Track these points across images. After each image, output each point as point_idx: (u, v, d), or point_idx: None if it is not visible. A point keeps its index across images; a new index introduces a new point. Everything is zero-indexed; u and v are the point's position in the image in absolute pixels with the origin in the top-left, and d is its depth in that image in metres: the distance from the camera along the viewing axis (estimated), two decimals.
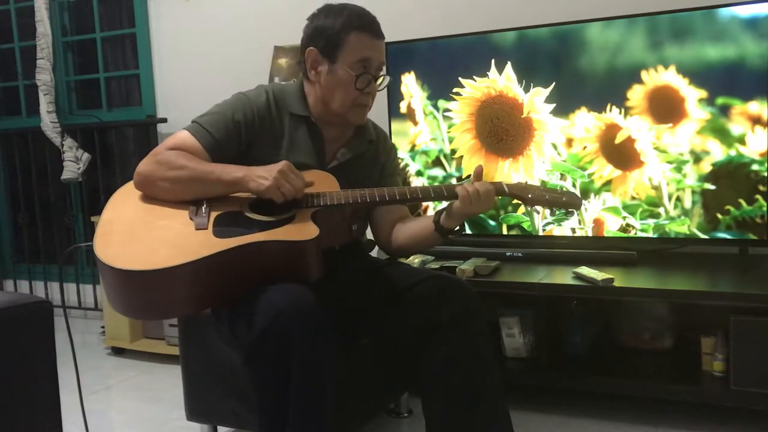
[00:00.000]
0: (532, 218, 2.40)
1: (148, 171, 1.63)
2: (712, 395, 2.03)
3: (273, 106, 1.74)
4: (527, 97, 2.34)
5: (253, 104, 1.72)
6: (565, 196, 1.65)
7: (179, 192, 1.62)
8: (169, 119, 3.36)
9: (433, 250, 2.46)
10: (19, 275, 3.98)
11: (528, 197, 1.65)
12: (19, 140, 3.86)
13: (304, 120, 1.75)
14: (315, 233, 1.50)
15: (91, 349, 3.20)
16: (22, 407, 1.37)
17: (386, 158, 1.91)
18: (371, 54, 1.70)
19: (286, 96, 1.77)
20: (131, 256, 1.47)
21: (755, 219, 2.14)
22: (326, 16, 1.71)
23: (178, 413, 2.10)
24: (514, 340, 2.31)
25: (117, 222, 1.59)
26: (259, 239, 1.48)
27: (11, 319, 1.35)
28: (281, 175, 1.55)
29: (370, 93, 1.74)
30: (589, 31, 2.28)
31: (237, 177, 1.58)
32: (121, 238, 1.53)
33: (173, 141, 1.67)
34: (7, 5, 3.82)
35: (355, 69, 1.68)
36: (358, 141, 1.83)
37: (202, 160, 1.64)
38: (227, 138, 1.68)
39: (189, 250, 1.45)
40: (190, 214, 1.59)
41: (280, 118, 1.75)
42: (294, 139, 1.74)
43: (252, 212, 1.59)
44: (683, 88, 2.17)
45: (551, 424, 2.16)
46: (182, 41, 3.37)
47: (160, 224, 1.56)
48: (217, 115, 1.70)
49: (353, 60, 1.68)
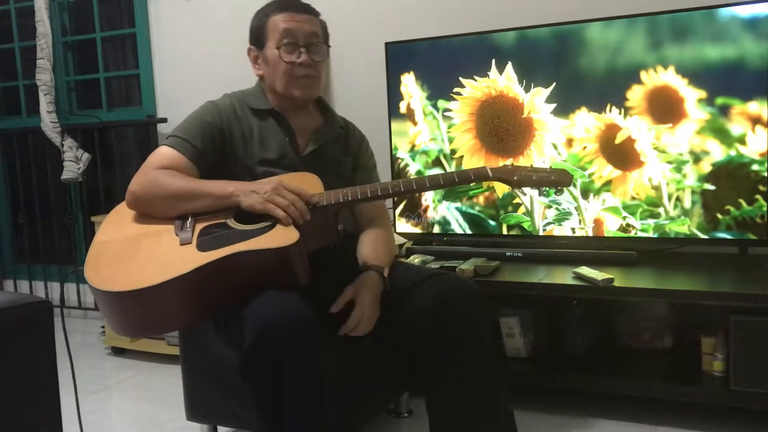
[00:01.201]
0: (532, 218, 2.40)
1: (139, 191, 1.66)
2: (712, 395, 2.03)
3: (237, 108, 1.79)
4: (528, 97, 2.34)
5: (219, 108, 1.77)
6: (554, 174, 1.63)
7: (170, 209, 1.64)
8: (169, 119, 3.36)
9: (433, 249, 2.47)
10: (19, 275, 3.98)
11: (513, 179, 1.63)
12: (19, 140, 3.86)
13: (268, 113, 1.80)
14: (294, 238, 1.49)
15: (91, 349, 3.20)
16: (22, 407, 1.37)
17: (357, 147, 1.93)
18: (291, 25, 1.74)
19: (247, 97, 1.83)
20: (119, 278, 1.49)
21: (755, 219, 2.14)
22: (254, 16, 1.82)
23: (178, 413, 2.10)
24: (514, 340, 2.31)
25: (108, 244, 1.62)
26: (237, 250, 1.47)
27: (11, 319, 1.35)
28: (273, 192, 1.55)
29: (303, 63, 1.74)
30: (589, 31, 2.28)
31: (229, 191, 1.59)
32: (110, 260, 1.56)
33: (157, 159, 1.69)
34: (7, 5, 3.82)
35: (278, 45, 1.74)
36: (329, 127, 1.87)
37: (191, 177, 1.66)
38: (206, 144, 1.72)
39: (173, 267, 1.46)
40: (176, 229, 1.60)
41: (246, 117, 1.79)
42: (264, 134, 1.77)
43: (236, 221, 1.59)
44: (683, 89, 2.17)
45: (551, 424, 2.16)
46: (182, 41, 3.37)
47: (147, 242, 1.58)
48: (191, 123, 1.74)
49: (275, 38, 1.74)
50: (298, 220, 1.53)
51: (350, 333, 1.61)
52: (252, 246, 1.48)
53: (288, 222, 1.53)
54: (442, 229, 2.53)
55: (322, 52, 1.78)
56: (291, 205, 1.53)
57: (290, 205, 1.53)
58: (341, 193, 1.61)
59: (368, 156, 1.97)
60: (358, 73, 2.93)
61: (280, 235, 1.51)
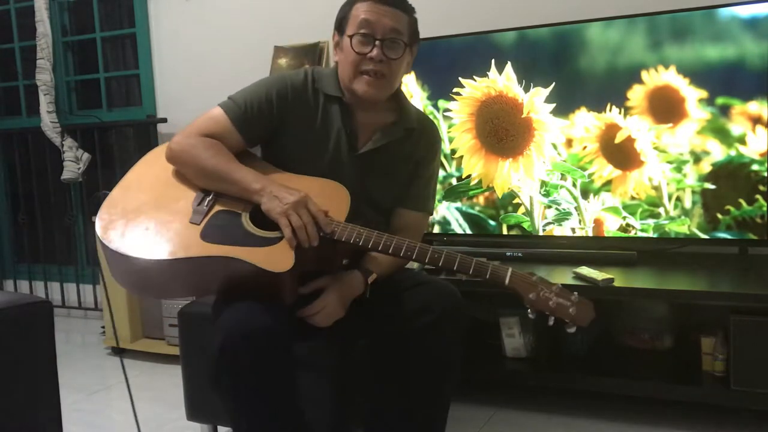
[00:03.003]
0: (532, 218, 2.40)
1: (176, 152, 1.65)
2: (712, 395, 2.03)
3: (310, 86, 1.70)
4: (527, 97, 2.34)
5: (288, 81, 1.70)
6: (575, 307, 1.45)
7: (198, 181, 1.62)
8: (169, 119, 3.36)
9: None
10: (19, 275, 3.98)
11: (528, 297, 1.46)
12: (19, 140, 3.86)
13: (336, 101, 1.70)
14: (287, 266, 1.44)
15: (91, 349, 3.19)
16: (22, 407, 1.37)
17: (423, 156, 1.77)
18: (370, 17, 1.61)
19: (323, 77, 1.73)
20: (117, 234, 1.52)
21: (755, 219, 2.14)
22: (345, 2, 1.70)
23: (178, 413, 2.10)
24: (514, 340, 2.31)
25: (131, 187, 1.65)
26: (231, 254, 1.46)
27: (11, 319, 1.35)
28: (293, 207, 1.49)
29: (374, 57, 1.61)
30: (589, 31, 2.28)
31: (254, 188, 1.55)
32: (125, 209, 1.58)
33: (205, 122, 1.66)
34: (7, 5, 3.82)
35: (354, 33, 1.63)
36: (395, 127, 1.72)
37: (228, 156, 1.62)
38: (258, 114, 1.66)
39: (170, 246, 1.49)
40: (194, 201, 1.59)
41: (316, 98, 1.70)
42: (327, 119, 1.69)
43: (250, 218, 1.57)
44: (683, 88, 2.17)
45: (551, 424, 2.16)
46: (182, 41, 3.37)
47: (165, 205, 1.59)
48: (252, 91, 1.69)
49: (354, 26, 1.63)
50: (304, 243, 1.48)
51: (308, 320, 1.56)
52: (246, 256, 1.46)
53: (292, 244, 1.48)
54: (443, 229, 2.53)
55: (398, 49, 1.63)
56: (303, 227, 1.48)
57: (302, 228, 1.48)
58: (356, 233, 1.52)
59: (435, 164, 1.81)
60: None
61: (277, 255, 1.47)
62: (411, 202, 1.76)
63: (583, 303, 1.47)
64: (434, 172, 1.82)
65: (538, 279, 1.48)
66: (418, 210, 1.77)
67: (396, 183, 1.74)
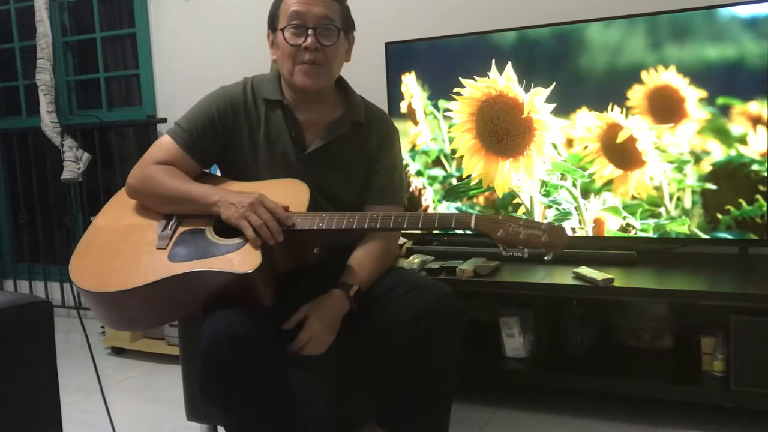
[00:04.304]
0: (532, 218, 2.40)
1: (135, 185, 1.68)
2: (712, 395, 2.03)
3: (249, 96, 1.72)
4: (528, 96, 2.34)
5: (227, 95, 1.71)
6: (547, 234, 1.42)
7: (160, 208, 1.65)
8: (169, 119, 3.35)
9: (433, 249, 2.47)
10: (19, 275, 3.98)
11: (497, 234, 1.44)
12: (19, 140, 3.85)
13: (278, 104, 1.71)
14: (255, 265, 1.44)
15: (92, 349, 3.19)
16: (22, 407, 1.37)
17: (377, 147, 1.75)
18: (300, 8, 1.62)
19: (263, 83, 1.74)
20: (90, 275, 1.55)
21: (755, 219, 2.14)
22: None
23: (178, 413, 2.10)
24: (514, 340, 2.31)
25: (100, 231, 1.67)
26: (199, 268, 1.47)
27: (11, 319, 1.35)
28: (250, 208, 1.50)
29: (308, 47, 1.62)
30: (589, 31, 2.28)
31: (212, 201, 1.57)
32: (96, 252, 1.61)
33: (156, 152, 1.69)
34: (7, 5, 3.81)
35: (285, 26, 1.65)
36: (341, 122, 1.72)
37: (184, 178, 1.65)
38: (203, 135, 1.68)
39: (139, 274, 1.49)
40: (158, 228, 1.60)
41: (257, 106, 1.71)
42: (270, 127, 1.70)
43: (215, 231, 1.58)
44: (683, 88, 2.17)
45: (551, 424, 2.16)
46: (182, 41, 3.37)
47: (132, 238, 1.61)
48: (195, 112, 1.72)
49: (285, 20, 1.65)
50: (269, 241, 1.48)
51: (299, 352, 1.55)
52: (214, 266, 1.46)
53: (256, 244, 1.48)
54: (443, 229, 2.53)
55: (332, 35, 1.64)
56: (264, 225, 1.48)
57: (263, 225, 1.48)
58: (318, 218, 1.52)
59: (392, 155, 1.78)
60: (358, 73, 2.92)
61: (244, 257, 1.47)
62: (376, 197, 1.75)
63: (555, 228, 1.44)
64: (395, 164, 1.79)
65: (504, 216, 1.49)
66: (386, 203, 1.74)
67: (352, 178, 1.74)
